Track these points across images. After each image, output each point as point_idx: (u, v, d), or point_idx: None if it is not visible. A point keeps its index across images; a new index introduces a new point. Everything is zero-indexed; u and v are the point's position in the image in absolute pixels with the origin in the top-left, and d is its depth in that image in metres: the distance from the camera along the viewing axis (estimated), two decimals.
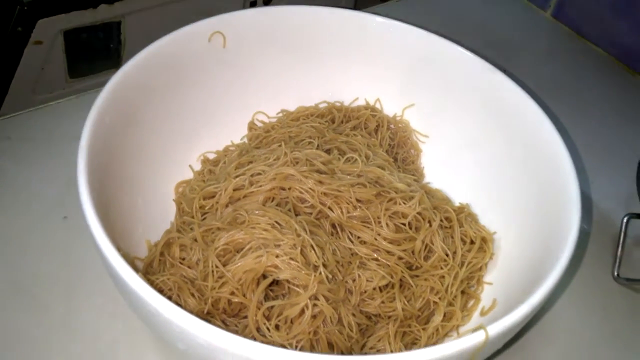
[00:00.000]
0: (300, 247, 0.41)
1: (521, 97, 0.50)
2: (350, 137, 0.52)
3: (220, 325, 0.41)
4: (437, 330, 0.44)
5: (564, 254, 0.39)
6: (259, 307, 0.40)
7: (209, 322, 0.33)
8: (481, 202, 0.51)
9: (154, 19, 0.61)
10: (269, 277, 0.41)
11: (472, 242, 0.48)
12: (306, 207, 0.45)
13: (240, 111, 0.55)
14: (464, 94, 0.53)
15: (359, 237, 0.45)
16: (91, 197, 0.38)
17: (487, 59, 0.52)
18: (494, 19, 0.76)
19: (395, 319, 0.44)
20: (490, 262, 0.48)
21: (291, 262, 0.40)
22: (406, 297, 0.45)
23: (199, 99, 0.52)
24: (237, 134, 0.55)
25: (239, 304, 0.41)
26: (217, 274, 0.41)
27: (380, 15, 0.56)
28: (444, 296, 0.45)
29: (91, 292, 0.46)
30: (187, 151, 0.52)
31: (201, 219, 0.45)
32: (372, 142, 0.53)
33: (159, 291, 0.34)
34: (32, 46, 0.55)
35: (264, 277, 0.41)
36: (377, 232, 0.45)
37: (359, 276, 0.43)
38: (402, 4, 0.77)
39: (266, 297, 0.42)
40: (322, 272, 0.41)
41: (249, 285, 0.40)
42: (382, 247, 0.44)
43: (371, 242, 0.45)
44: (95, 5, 0.56)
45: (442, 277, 0.46)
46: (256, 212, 0.43)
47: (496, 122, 0.51)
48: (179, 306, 0.33)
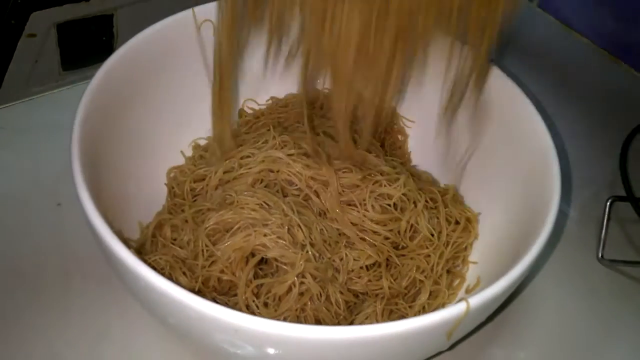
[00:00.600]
0: (287, 227, 0.42)
1: (504, 81, 0.51)
2: None
3: None
4: (423, 307, 0.46)
5: (544, 230, 0.41)
6: (248, 285, 0.41)
7: None
8: (466, 183, 0.53)
9: (146, 11, 0.62)
10: (257, 256, 0.42)
11: (457, 223, 0.49)
12: (294, 189, 0.46)
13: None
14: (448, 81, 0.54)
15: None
16: (84, 179, 0.39)
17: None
18: None
19: (382, 297, 0.45)
20: (475, 242, 0.50)
21: (279, 241, 0.42)
22: (392, 275, 0.46)
23: (190, 86, 0.53)
24: None
25: (229, 282, 0.42)
26: (207, 253, 0.42)
27: None
28: (429, 275, 0.46)
29: (85, 276, 0.47)
30: (179, 137, 0.53)
31: (192, 201, 0.47)
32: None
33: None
34: (26, 39, 0.56)
35: (253, 255, 0.42)
36: (364, 214, 0.46)
37: (346, 255, 0.44)
38: None
39: (256, 276, 0.43)
40: (309, 251, 0.42)
41: (238, 263, 0.42)
42: (368, 228, 0.46)
43: (358, 224, 0.46)
44: None
45: (428, 257, 0.47)
46: (245, 193, 0.44)
47: (481, 107, 0.53)
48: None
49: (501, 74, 0.51)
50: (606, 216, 0.52)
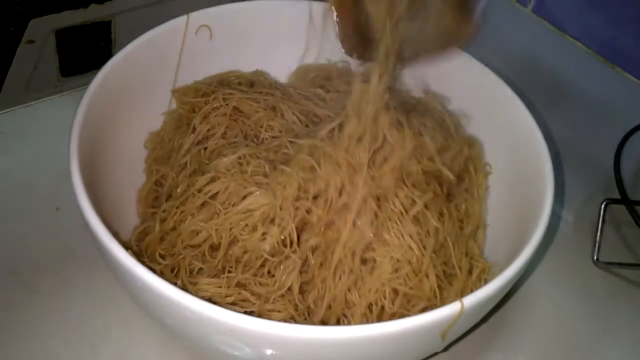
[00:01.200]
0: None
1: (498, 86, 0.52)
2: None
3: None
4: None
5: (537, 232, 0.41)
6: None
7: None
8: None
9: (143, 18, 0.62)
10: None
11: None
12: None
13: None
14: (446, 83, 0.55)
15: None
16: (82, 183, 0.39)
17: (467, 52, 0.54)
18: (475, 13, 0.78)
19: None
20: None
21: None
22: None
23: None
24: None
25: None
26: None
27: None
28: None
29: (84, 278, 0.48)
30: None
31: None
32: None
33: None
34: (25, 45, 0.56)
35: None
36: None
37: None
38: None
39: None
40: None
41: None
42: None
43: None
44: (86, 5, 0.57)
45: None
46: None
47: (475, 110, 0.53)
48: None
49: (495, 79, 0.52)
50: (601, 219, 0.52)
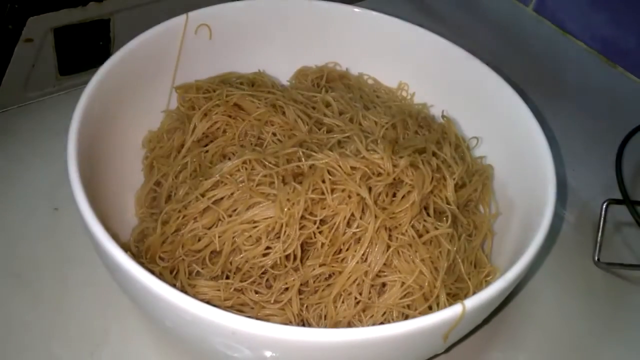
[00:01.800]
0: None
1: (500, 85, 0.51)
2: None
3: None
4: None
5: (539, 233, 0.41)
6: None
7: None
8: None
9: (142, 16, 0.62)
10: None
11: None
12: None
13: None
14: (449, 84, 0.55)
15: None
16: (81, 183, 0.39)
17: (469, 52, 0.54)
18: (477, 14, 0.78)
19: None
20: None
21: None
22: None
23: None
24: None
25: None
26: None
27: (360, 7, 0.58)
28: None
29: (83, 279, 0.47)
30: None
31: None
32: None
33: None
34: (23, 44, 0.56)
35: None
36: None
37: None
38: None
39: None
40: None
41: None
42: None
43: None
44: (84, 3, 0.57)
45: None
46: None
47: (476, 109, 0.53)
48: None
49: (497, 78, 0.52)
50: (602, 219, 0.52)
